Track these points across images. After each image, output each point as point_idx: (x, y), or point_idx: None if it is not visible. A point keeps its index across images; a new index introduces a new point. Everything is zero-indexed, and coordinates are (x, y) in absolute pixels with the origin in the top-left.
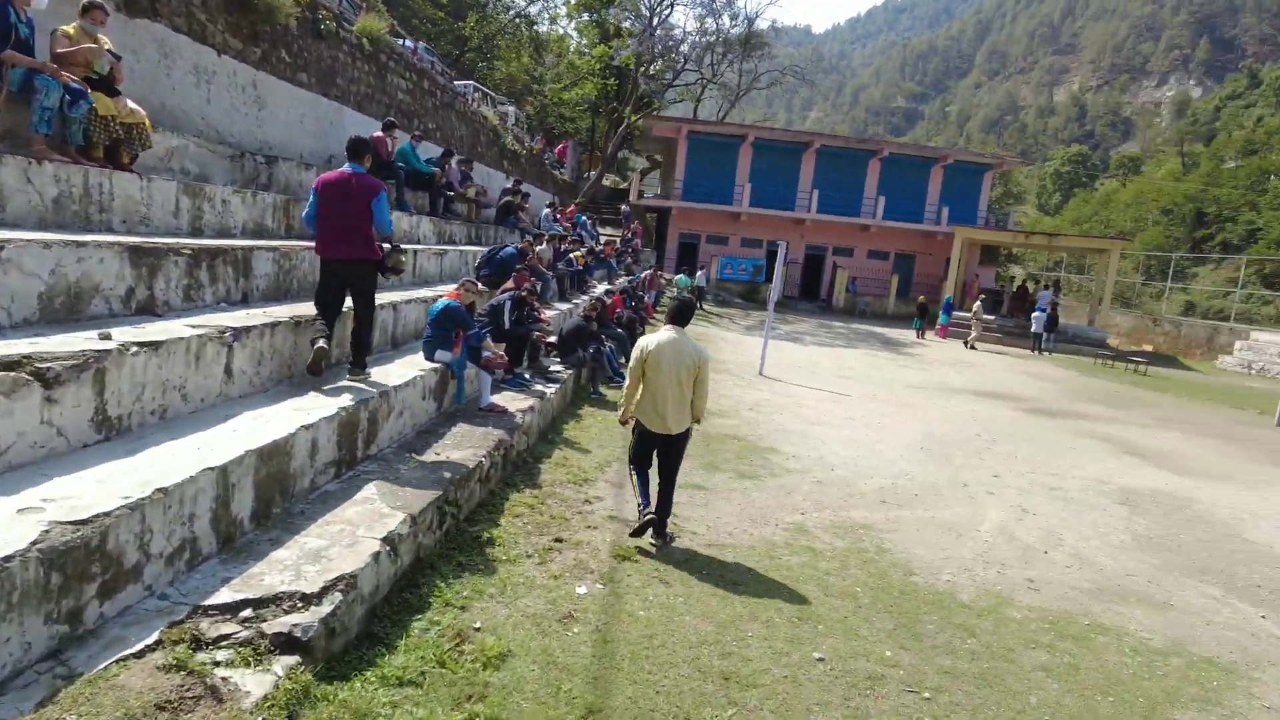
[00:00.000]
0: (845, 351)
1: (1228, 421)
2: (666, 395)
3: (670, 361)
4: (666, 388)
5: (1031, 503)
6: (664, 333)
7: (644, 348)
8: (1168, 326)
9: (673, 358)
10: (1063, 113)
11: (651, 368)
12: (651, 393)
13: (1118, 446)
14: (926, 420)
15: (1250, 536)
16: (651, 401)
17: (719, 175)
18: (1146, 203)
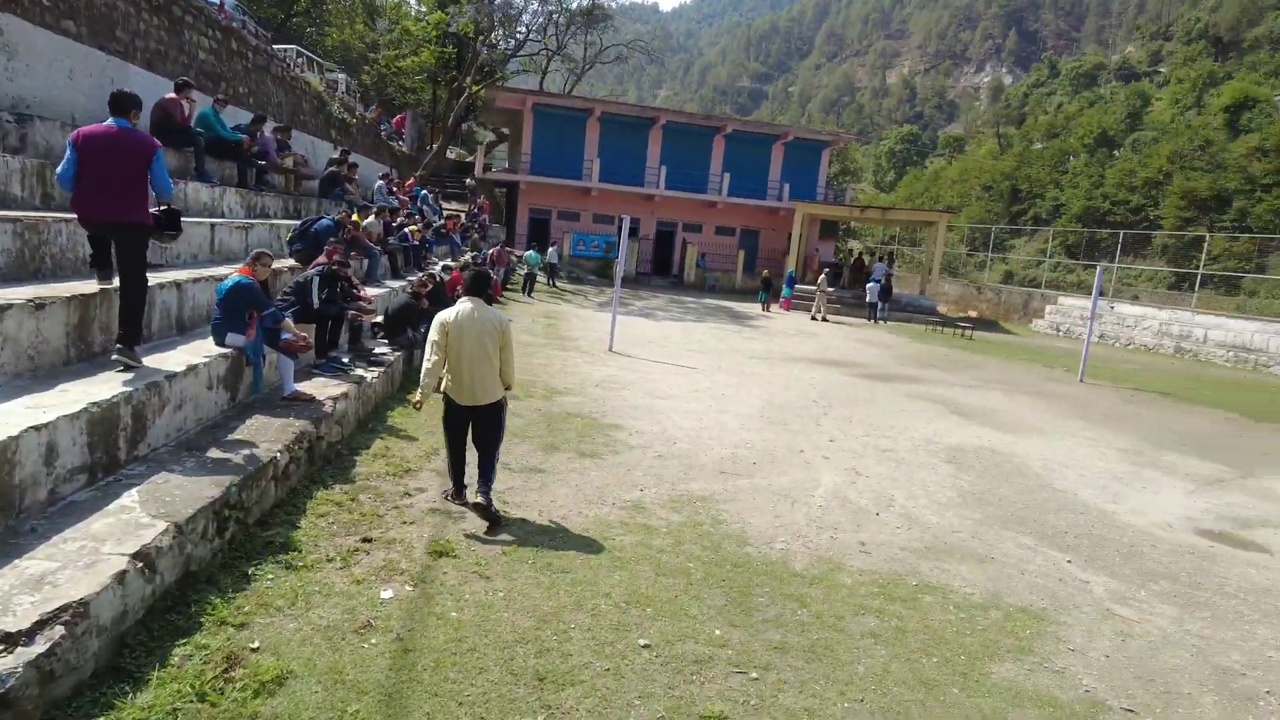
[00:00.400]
0: (695, 326)
1: (1040, 379)
2: (474, 366)
3: (473, 332)
4: (473, 359)
5: (864, 465)
6: (462, 304)
7: (444, 321)
8: (990, 294)
9: (474, 327)
10: (895, 94)
11: (454, 340)
12: (457, 366)
13: (946, 407)
14: (768, 389)
15: (1059, 485)
16: (458, 375)
17: (567, 149)
18: (970, 180)
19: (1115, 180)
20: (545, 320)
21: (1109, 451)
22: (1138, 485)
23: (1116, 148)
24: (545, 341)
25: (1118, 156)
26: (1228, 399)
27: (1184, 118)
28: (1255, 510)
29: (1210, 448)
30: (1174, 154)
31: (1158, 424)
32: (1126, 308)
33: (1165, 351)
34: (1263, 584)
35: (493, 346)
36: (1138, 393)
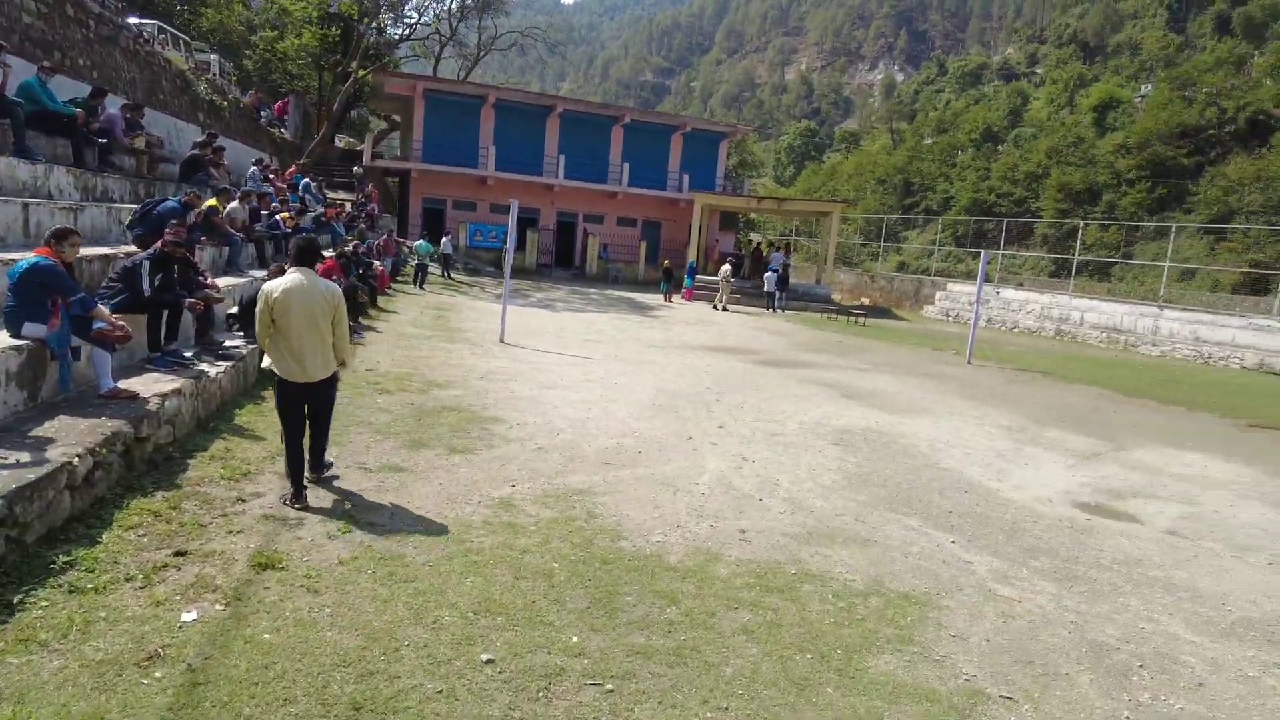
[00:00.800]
0: (596, 316)
1: (929, 361)
2: (303, 341)
3: (301, 304)
4: (302, 333)
5: (752, 450)
6: (290, 275)
7: (269, 293)
8: (883, 282)
9: (303, 300)
10: (793, 90)
11: (280, 314)
12: (286, 340)
13: (836, 391)
14: (663, 377)
15: (945, 464)
16: (288, 350)
17: (461, 137)
18: (865, 174)
19: (1000, 174)
20: (435, 312)
21: (994, 429)
22: (1020, 461)
23: (1000, 143)
24: (432, 334)
25: (1001, 151)
26: (1101, 376)
27: (1058, 116)
28: (1126, 481)
29: (1087, 423)
30: (1051, 150)
31: (1039, 402)
32: (1011, 293)
33: (1046, 334)
34: (1135, 554)
35: (324, 320)
36: (1021, 373)
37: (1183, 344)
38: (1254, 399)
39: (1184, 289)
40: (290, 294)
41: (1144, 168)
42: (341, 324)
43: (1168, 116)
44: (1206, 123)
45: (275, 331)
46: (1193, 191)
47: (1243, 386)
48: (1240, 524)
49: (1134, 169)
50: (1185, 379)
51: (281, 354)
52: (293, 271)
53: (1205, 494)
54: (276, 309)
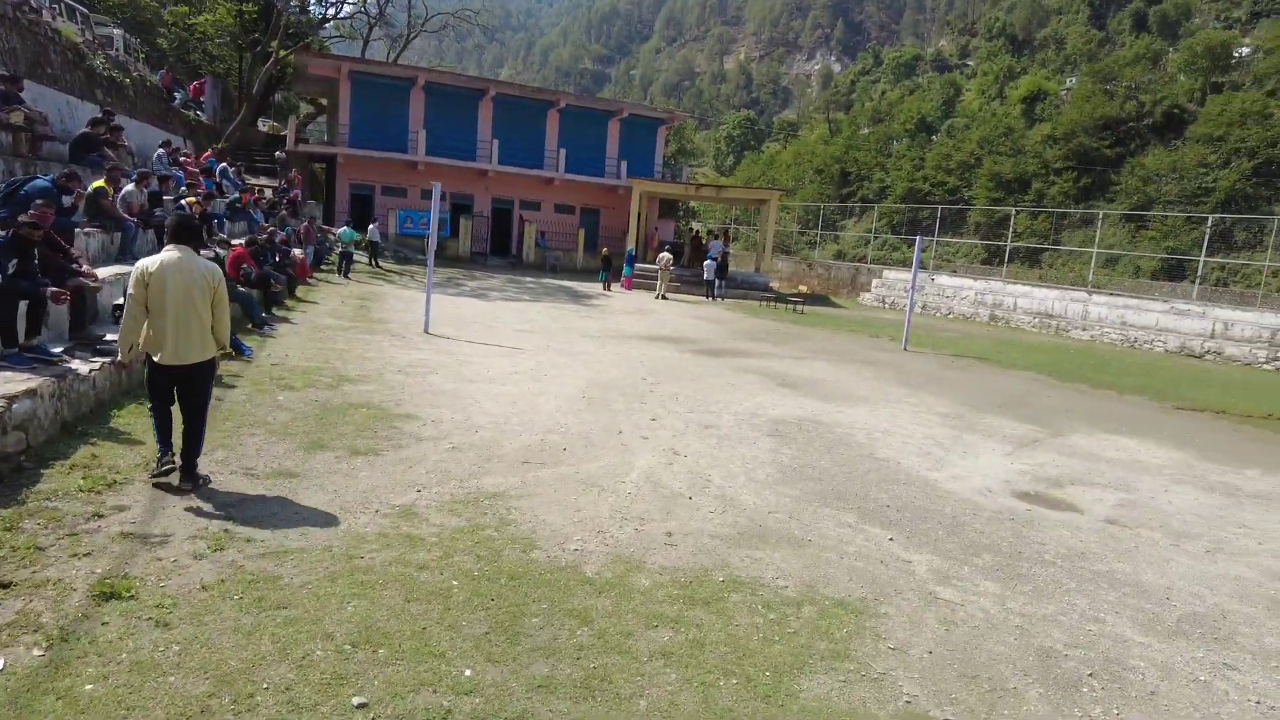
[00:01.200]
0: (531, 305)
1: (866, 348)
2: (179, 321)
3: (177, 283)
4: (178, 313)
5: (685, 444)
6: (165, 252)
7: (143, 269)
8: (820, 270)
9: (179, 278)
10: (732, 80)
11: (155, 293)
12: (161, 321)
13: (772, 379)
14: (596, 368)
15: (881, 454)
16: (161, 330)
17: (390, 121)
18: (803, 163)
19: (934, 163)
20: (358, 302)
21: (931, 417)
22: (958, 450)
23: (934, 133)
24: (351, 325)
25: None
26: (1035, 361)
27: (989, 107)
28: (1064, 468)
29: (1022, 408)
30: (982, 140)
31: (975, 387)
32: (945, 279)
33: (981, 319)
34: (1077, 547)
35: (202, 300)
36: (956, 358)
37: (1111, 328)
38: (1178, 382)
39: (1109, 275)
40: (166, 271)
41: (1070, 158)
42: (221, 305)
43: (1091, 109)
44: (1127, 115)
45: (149, 310)
46: (1115, 181)
47: (1166, 369)
48: (1176, 510)
49: (1061, 159)
50: (1114, 362)
51: (154, 333)
52: (170, 248)
53: (1141, 479)
54: (151, 286)
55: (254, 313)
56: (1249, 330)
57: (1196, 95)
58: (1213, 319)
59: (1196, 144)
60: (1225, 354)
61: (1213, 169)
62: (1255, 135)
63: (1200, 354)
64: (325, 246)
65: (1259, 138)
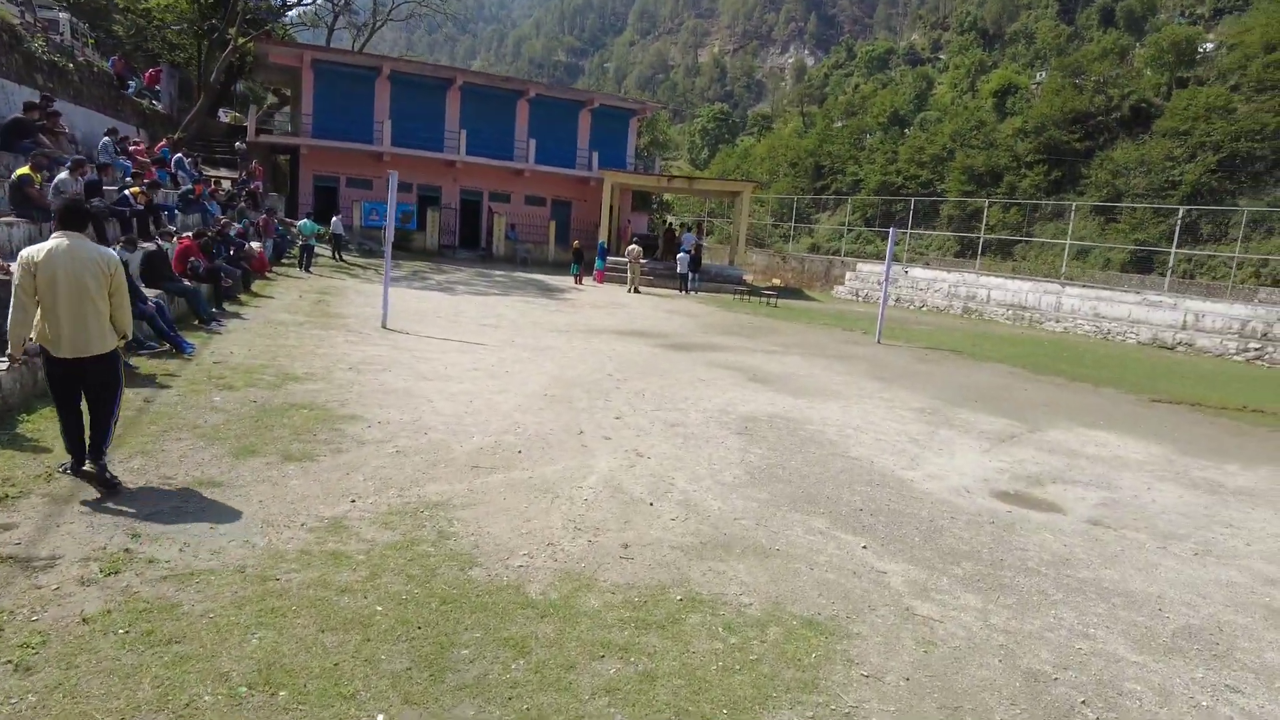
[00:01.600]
0: (499, 299)
1: (839, 342)
2: (73, 312)
3: (68, 271)
4: (71, 302)
5: (649, 444)
6: (53, 239)
7: (29, 258)
8: (794, 263)
9: (70, 265)
10: (706, 73)
11: (45, 283)
12: (54, 312)
13: (744, 374)
14: (561, 363)
15: (854, 453)
16: (54, 322)
17: (355, 111)
18: (777, 156)
19: (906, 156)
20: (317, 296)
21: (905, 412)
22: (934, 447)
23: (907, 126)
24: (306, 321)
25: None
26: (1009, 353)
27: (961, 100)
28: (1044, 465)
29: (999, 402)
30: (955, 133)
31: (950, 381)
32: (919, 272)
33: (954, 312)
34: (1061, 552)
35: (97, 288)
36: (931, 351)
37: (1083, 320)
38: (1152, 374)
39: (1080, 267)
40: (56, 259)
41: (1041, 151)
42: (120, 293)
43: (1061, 102)
44: (1096, 109)
45: (40, 302)
46: (1085, 174)
47: (1139, 361)
48: (1160, 509)
49: (1032, 152)
50: (1088, 354)
51: (48, 326)
52: (57, 235)
53: (1122, 476)
54: (40, 275)
55: (201, 308)
56: (1219, 321)
57: (1163, 90)
58: (1184, 310)
59: (1163, 138)
60: (1196, 345)
61: (1179, 163)
62: (1220, 129)
63: (1172, 345)
64: (287, 240)
65: (1223, 132)
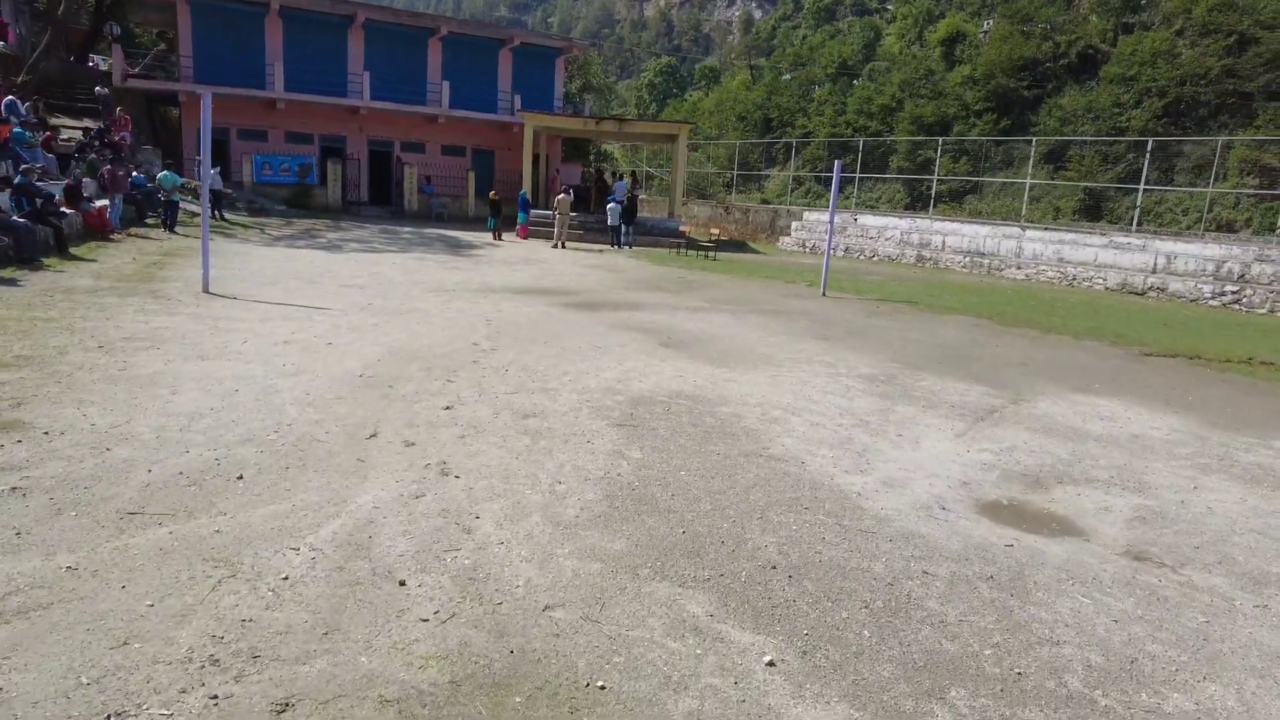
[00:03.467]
0: (391, 257)
1: (779, 295)
2: None
3: None
4: None
5: (469, 451)
6: None
7: None
8: (738, 214)
9: None
10: (653, 27)
11: None
12: None
13: (655, 337)
14: (416, 331)
15: (778, 449)
16: None
17: (242, 53)
18: (725, 110)
19: (855, 107)
20: (156, 259)
21: (853, 382)
22: (890, 433)
23: (855, 78)
24: (113, 286)
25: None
26: (971, 303)
27: (909, 50)
28: (1043, 454)
29: (968, 363)
30: (903, 82)
31: (907, 337)
32: (869, 219)
33: (907, 261)
34: (1114, 643)
35: None
36: (883, 303)
37: (1047, 265)
38: (1130, 322)
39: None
40: None
41: (989, 99)
42: None
43: (1009, 50)
44: (1043, 56)
45: None
46: (1033, 122)
47: (1112, 309)
48: (1223, 524)
49: (980, 100)
50: (1057, 303)
51: None
52: None
53: (1151, 467)
54: None
55: None
56: (1192, 264)
57: (1109, 36)
58: (1154, 252)
59: (1110, 84)
60: (1169, 289)
61: (1126, 109)
62: (1165, 74)
63: (1143, 290)
64: (155, 197)
65: (1168, 77)
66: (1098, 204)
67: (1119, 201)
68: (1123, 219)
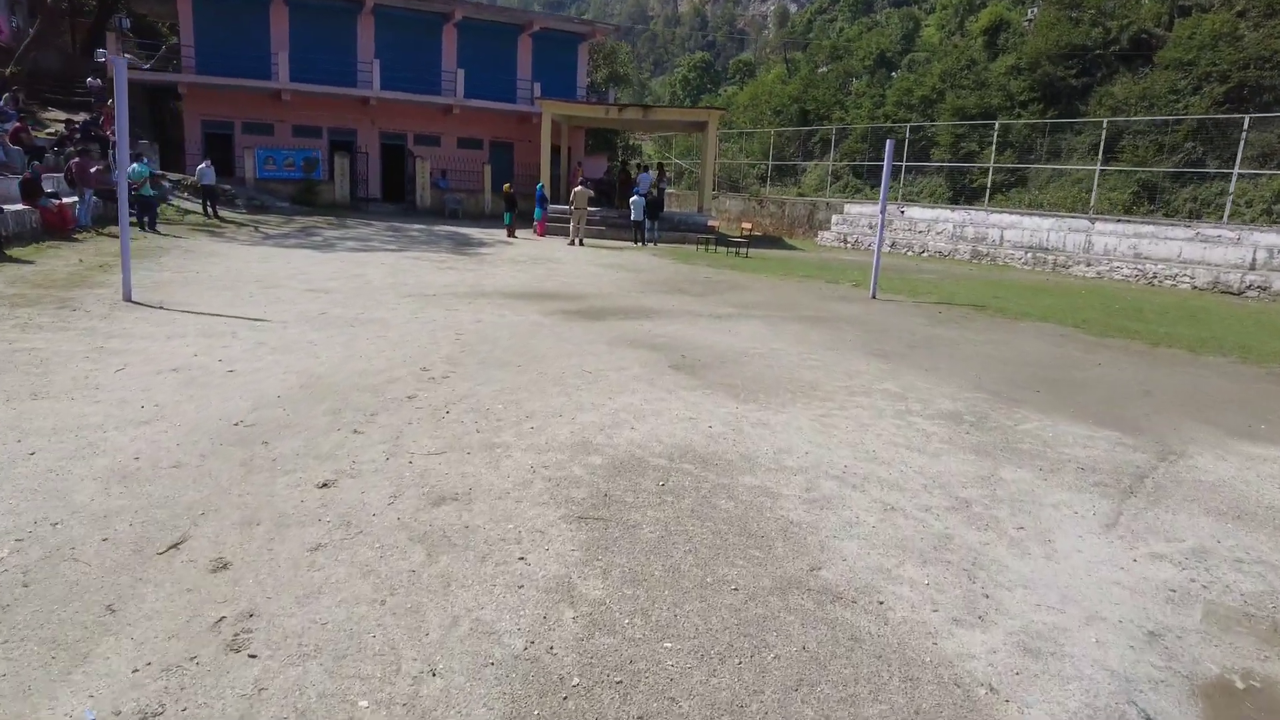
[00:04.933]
0: (384, 257)
1: (821, 298)
2: None
3: None
4: None
5: (306, 587)
6: None
7: None
8: (773, 208)
9: None
10: (687, 23)
11: None
12: None
13: (666, 355)
14: (358, 351)
15: (833, 576)
16: None
17: (246, 43)
18: (760, 104)
19: (895, 99)
20: (109, 260)
21: (931, 424)
22: (1007, 524)
23: (894, 69)
24: (22, 293)
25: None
26: (1047, 308)
27: (950, 40)
28: (1258, 566)
29: (1073, 390)
30: (944, 73)
31: (984, 354)
32: (918, 211)
33: (961, 257)
34: None
35: None
36: (945, 308)
37: (1121, 261)
38: (1246, 330)
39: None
40: None
41: (1035, 89)
42: None
43: (1056, 37)
44: (1093, 43)
45: None
46: (1082, 112)
47: (1214, 312)
48: None
49: (1025, 90)
50: (1145, 306)
51: None
52: None
53: None
54: None
55: None
56: None
57: (1164, 19)
58: (1251, 245)
59: (1166, 70)
60: (1273, 288)
61: (1183, 95)
62: (1226, 58)
63: (1239, 290)
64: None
65: (1230, 60)
66: (1151, 196)
67: (1175, 193)
68: (1180, 210)
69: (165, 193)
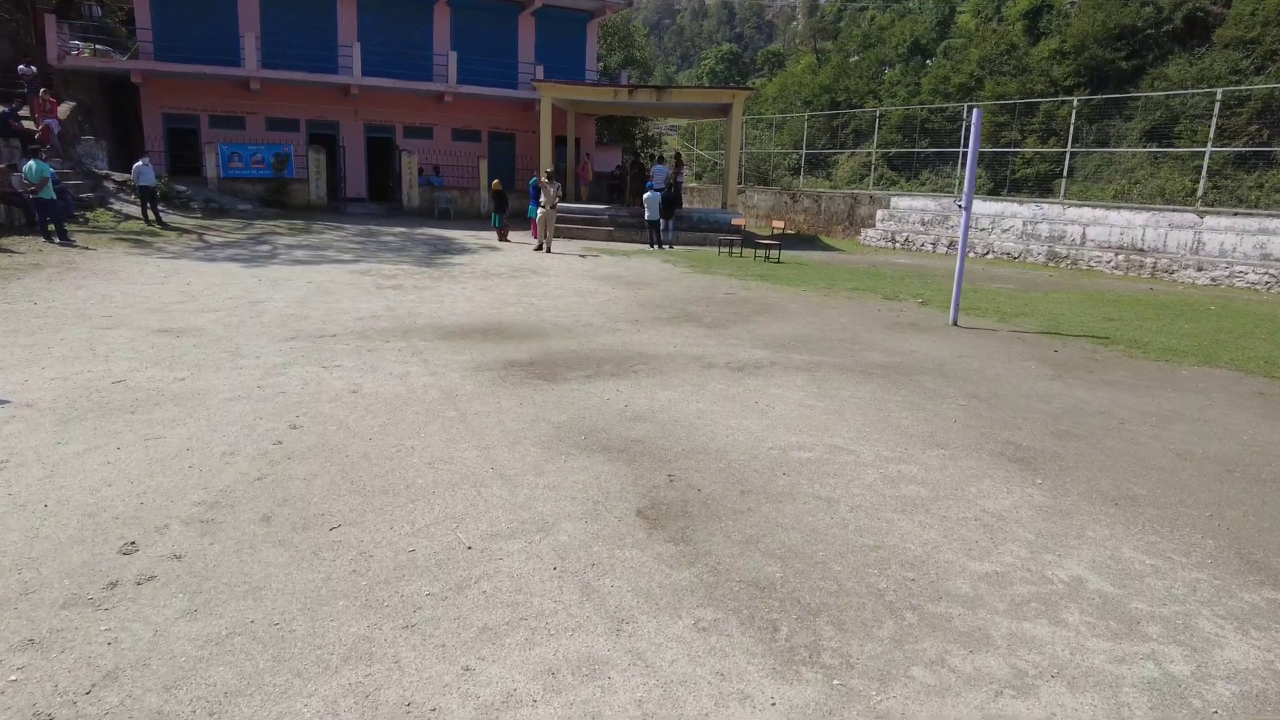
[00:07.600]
0: (321, 272)
1: (885, 327)
2: None
3: None
4: None
5: None
6: None
7: None
8: (807, 202)
9: None
10: (714, 15)
11: None
12: None
13: (636, 476)
14: (55, 492)
15: None
16: None
17: (211, 25)
18: (790, 95)
19: (930, 87)
20: None
21: None
22: None
23: (929, 57)
24: None
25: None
26: (1197, 340)
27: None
28: None
29: None
30: (983, 59)
31: (1182, 449)
32: (980, 205)
33: (1035, 260)
34: None
35: None
36: (1058, 341)
37: (1245, 265)
38: None
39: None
40: None
41: (1081, 74)
42: None
43: (1103, 18)
44: (1144, 23)
45: None
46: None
47: None
48: None
49: (1070, 76)
50: None
51: None
52: None
53: None
54: None
55: None
56: None
57: None
58: None
59: (1225, 49)
60: None
61: (1246, 76)
62: None
63: None
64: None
65: None
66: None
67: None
68: (1245, 200)
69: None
